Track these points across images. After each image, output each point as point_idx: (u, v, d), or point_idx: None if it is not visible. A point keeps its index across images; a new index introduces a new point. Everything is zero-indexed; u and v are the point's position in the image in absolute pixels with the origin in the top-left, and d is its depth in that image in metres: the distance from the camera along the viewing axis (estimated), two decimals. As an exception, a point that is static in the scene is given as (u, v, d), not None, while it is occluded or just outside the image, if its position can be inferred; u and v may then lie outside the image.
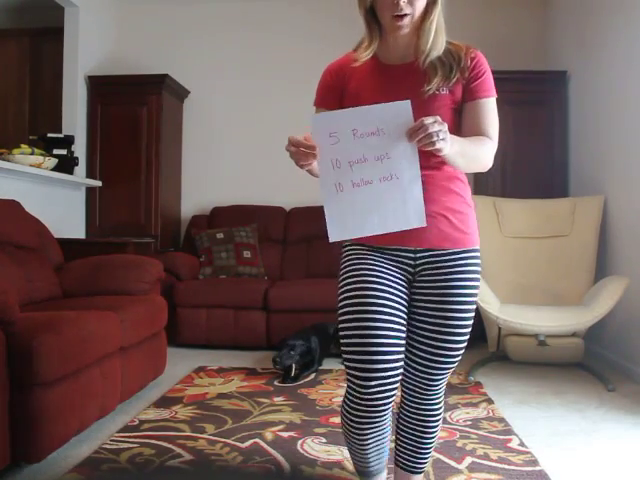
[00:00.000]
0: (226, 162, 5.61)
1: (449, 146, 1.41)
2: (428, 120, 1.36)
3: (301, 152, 1.41)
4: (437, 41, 1.59)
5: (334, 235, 1.47)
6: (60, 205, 4.67)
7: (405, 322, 1.63)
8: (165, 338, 3.49)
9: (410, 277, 1.65)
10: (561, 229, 4.25)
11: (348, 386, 1.63)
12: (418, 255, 1.62)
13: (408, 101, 1.41)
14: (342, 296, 1.64)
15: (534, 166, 4.78)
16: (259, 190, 5.51)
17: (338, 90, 1.68)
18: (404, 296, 1.64)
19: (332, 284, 4.06)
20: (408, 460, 1.81)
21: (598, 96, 4.29)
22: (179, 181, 5.65)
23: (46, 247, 3.48)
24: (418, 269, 1.63)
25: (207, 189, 5.62)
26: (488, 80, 1.63)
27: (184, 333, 4.49)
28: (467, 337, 1.65)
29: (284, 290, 4.51)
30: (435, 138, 1.36)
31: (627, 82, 3.84)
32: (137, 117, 5.15)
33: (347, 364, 1.60)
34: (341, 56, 1.76)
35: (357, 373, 1.57)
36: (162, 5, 5.68)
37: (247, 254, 4.97)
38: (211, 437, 2.58)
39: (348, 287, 1.62)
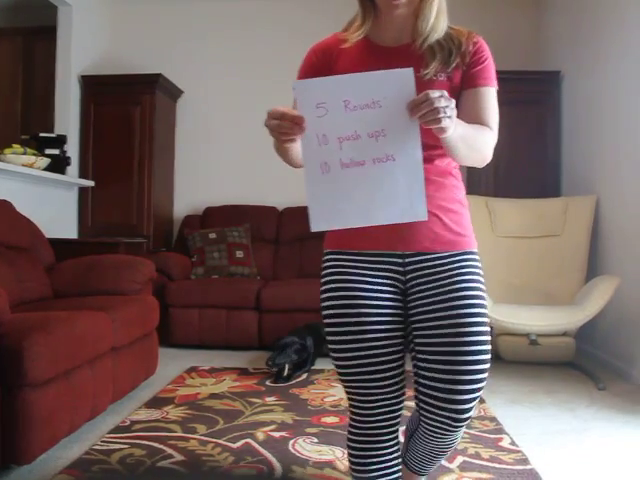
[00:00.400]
0: (219, 162, 5.60)
1: (454, 127, 1.23)
2: (434, 93, 1.17)
3: (285, 124, 1.22)
4: (438, 23, 1.45)
5: (317, 223, 1.28)
6: (52, 205, 4.66)
7: (402, 338, 1.48)
8: (157, 338, 3.49)
9: (402, 286, 1.47)
10: (553, 229, 4.27)
11: (350, 412, 1.55)
12: (407, 260, 1.45)
13: (411, 69, 1.22)
14: (330, 321, 1.49)
15: (527, 166, 4.79)
16: (252, 190, 5.50)
17: (323, 72, 1.46)
18: (398, 311, 1.47)
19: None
20: (417, 464, 1.69)
21: (591, 96, 4.30)
22: (172, 181, 5.64)
23: (37, 247, 3.47)
24: (409, 276, 1.46)
25: (200, 189, 5.62)
26: (490, 68, 1.48)
27: (176, 333, 4.48)
28: (488, 347, 1.41)
29: (276, 290, 4.51)
30: (442, 114, 1.17)
31: (619, 83, 3.85)
32: (130, 117, 5.13)
33: (347, 390, 1.51)
34: (328, 36, 1.60)
35: (358, 404, 1.49)
36: (156, 5, 5.67)
37: (240, 254, 4.96)
38: (202, 437, 2.58)
39: (334, 312, 1.47)
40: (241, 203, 5.41)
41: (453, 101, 1.20)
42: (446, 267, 1.44)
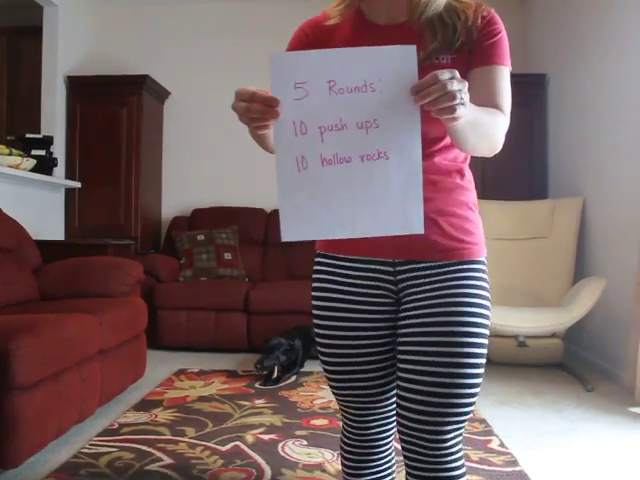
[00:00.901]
0: (207, 163, 5.58)
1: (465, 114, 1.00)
2: (444, 74, 0.95)
3: (256, 107, 1.01)
4: None
5: (288, 232, 1.07)
6: (38, 206, 4.62)
7: (393, 352, 1.32)
8: (145, 341, 3.46)
9: (394, 296, 1.30)
10: (541, 231, 4.29)
11: (342, 421, 1.47)
12: (397, 269, 1.27)
13: (413, 46, 1.00)
14: (319, 332, 1.36)
15: (514, 168, 4.81)
16: (240, 192, 5.49)
17: (315, 48, 1.21)
18: (391, 323, 1.31)
19: (313, 286, 4.08)
20: None
21: (576, 99, 4.33)
22: (159, 182, 5.61)
23: (24, 249, 3.43)
24: (401, 286, 1.27)
25: (188, 190, 5.59)
26: (503, 44, 1.25)
27: (164, 335, 4.46)
28: (481, 371, 1.21)
29: (265, 292, 4.50)
30: (457, 100, 0.95)
31: (604, 86, 3.88)
32: (117, 118, 5.10)
33: (338, 401, 1.42)
34: (318, 14, 1.39)
35: (351, 417, 1.42)
36: (143, 6, 5.64)
37: (228, 256, 4.95)
38: (191, 440, 2.56)
39: (323, 323, 1.34)
40: (229, 205, 5.39)
41: (466, 83, 0.97)
42: (441, 278, 1.23)
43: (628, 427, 2.81)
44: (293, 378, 3.67)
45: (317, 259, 1.39)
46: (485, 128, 1.15)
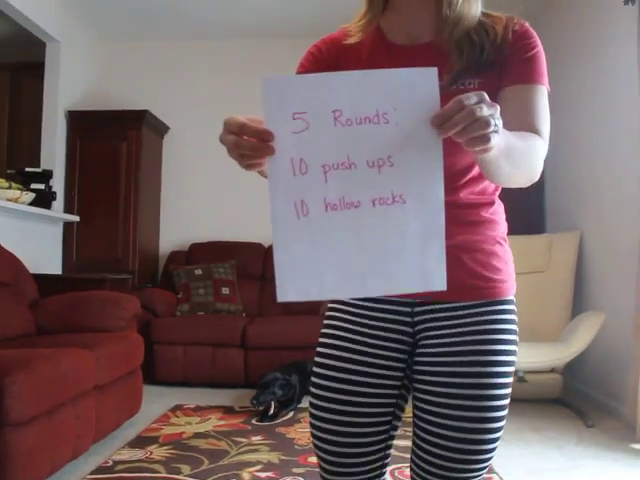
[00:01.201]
0: (205, 198, 5.61)
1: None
2: (470, 99, 0.80)
3: (246, 143, 0.85)
4: (468, 7, 1.09)
5: (285, 291, 0.89)
6: (37, 240, 4.62)
7: (397, 404, 1.16)
8: (141, 376, 3.43)
9: (410, 340, 1.14)
10: (538, 265, 4.30)
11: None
12: (416, 310, 1.12)
13: (434, 69, 0.85)
14: (317, 370, 1.16)
15: (510, 202, 4.77)
16: (237, 226, 5.50)
17: (330, 67, 1.17)
18: (399, 373, 1.14)
19: (311, 321, 4.07)
20: None
21: (571, 133, 4.37)
22: (158, 217, 5.63)
23: (21, 282, 3.43)
24: (418, 328, 1.13)
25: (186, 225, 5.61)
26: (540, 60, 1.11)
27: (161, 371, 4.42)
28: (504, 422, 1.10)
29: (262, 327, 4.48)
30: (491, 128, 0.79)
31: (598, 119, 3.92)
32: (117, 152, 5.14)
33: (316, 454, 1.18)
34: (336, 32, 1.25)
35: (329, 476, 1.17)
36: (143, 42, 5.73)
37: (225, 290, 4.93)
38: (187, 478, 2.53)
39: (323, 372, 1.14)
40: (227, 239, 5.40)
41: (497, 107, 0.82)
42: (465, 322, 1.09)
43: (630, 465, 2.77)
44: (290, 414, 3.63)
45: (330, 304, 1.22)
46: (521, 156, 0.98)
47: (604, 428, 3.34)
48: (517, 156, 0.96)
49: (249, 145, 0.85)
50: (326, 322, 1.20)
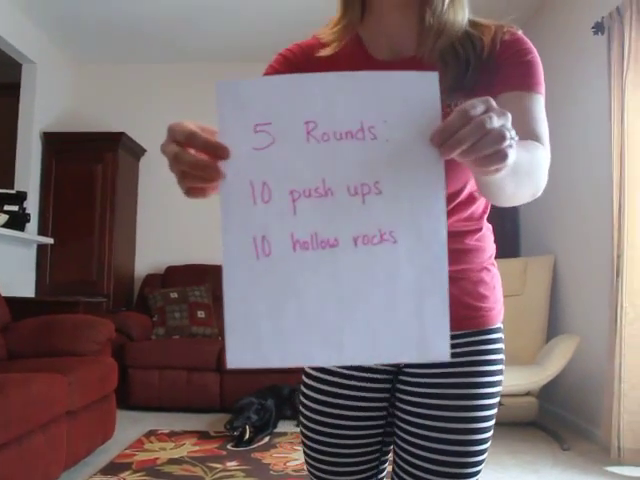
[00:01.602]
0: (181, 221, 5.58)
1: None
2: (476, 108, 0.64)
3: (191, 158, 0.67)
4: (452, 16, 0.97)
5: (238, 355, 0.69)
6: (9, 262, 4.55)
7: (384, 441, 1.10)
8: (115, 401, 3.38)
9: (391, 377, 1.07)
10: (514, 289, 4.33)
11: None
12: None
13: (435, 73, 0.68)
14: (305, 435, 1.11)
15: (486, 226, 4.88)
16: (214, 249, 5.46)
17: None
18: (383, 412, 1.08)
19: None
20: None
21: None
22: (133, 240, 5.58)
23: (-8, 306, 3.37)
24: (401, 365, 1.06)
25: (161, 248, 5.57)
26: (535, 67, 0.97)
27: (135, 395, 4.36)
28: (486, 453, 1.06)
29: (239, 350, 4.44)
30: (507, 142, 0.63)
31: (573, 147, 3.99)
32: (92, 174, 5.10)
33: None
34: (310, 39, 1.10)
35: None
36: (120, 64, 5.73)
37: (201, 314, 4.89)
38: (161, 505, 2.48)
39: (310, 435, 1.09)
40: (203, 262, 5.36)
41: (508, 115, 0.66)
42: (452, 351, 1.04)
43: (605, 487, 2.78)
44: (266, 439, 3.59)
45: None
46: (527, 171, 0.82)
47: (579, 451, 3.36)
48: (523, 172, 0.80)
49: (194, 162, 0.66)
50: (302, 390, 1.12)
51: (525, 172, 0.82)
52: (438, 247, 0.68)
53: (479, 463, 1.03)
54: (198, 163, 0.67)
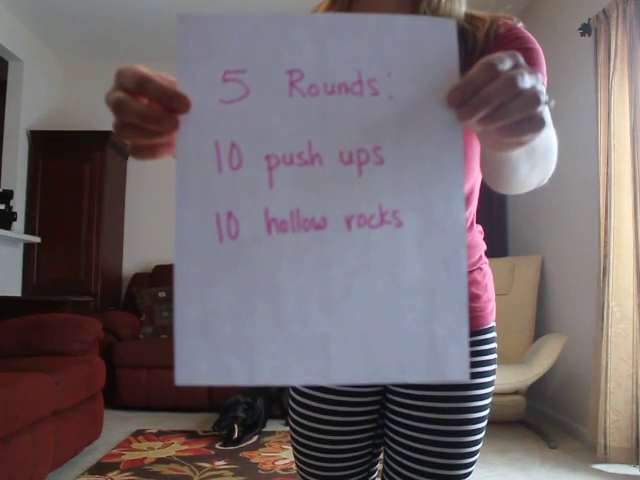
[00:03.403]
0: (169, 220, 5.48)
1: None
2: (504, 62, 0.52)
3: (140, 106, 0.54)
4: (449, 9, 0.90)
5: (191, 369, 0.52)
6: (-5, 262, 4.52)
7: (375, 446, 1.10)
8: (102, 400, 3.36)
9: (381, 388, 1.05)
10: (501, 288, 4.35)
11: None
12: None
13: (452, 20, 0.55)
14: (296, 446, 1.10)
15: (474, 226, 4.90)
16: (203, 247, 5.45)
17: None
18: (374, 424, 1.07)
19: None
20: None
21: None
22: (121, 238, 5.56)
23: (-22, 306, 3.34)
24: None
25: (149, 247, 5.54)
26: (536, 54, 0.88)
27: (123, 395, 4.34)
28: (478, 453, 1.02)
29: (227, 349, 4.43)
30: (541, 105, 0.51)
31: (561, 143, 4.00)
32: (80, 173, 5.07)
33: None
34: None
35: None
36: (108, 62, 5.69)
37: (190, 312, 4.87)
38: (148, 505, 2.47)
39: (301, 445, 1.08)
40: (192, 261, 5.35)
41: (539, 74, 0.53)
42: None
43: (591, 485, 2.80)
44: (255, 438, 3.59)
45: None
46: (543, 149, 0.73)
47: (566, 449, 3.38)
48: (540, 152, 0.71)
49: (144, 111, 0.53)
50: (290, 404, 1.10)
51: (542, 151, 0.73)
52: (455, 232, 0.54)
53: (471, 465, 1.01)
54: (149, 113, 0.52)
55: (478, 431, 0.99)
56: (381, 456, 1.11)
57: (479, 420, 0.99)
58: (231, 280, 0.53)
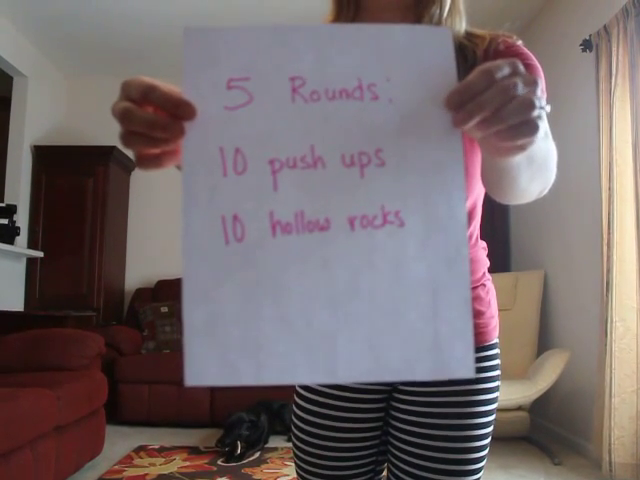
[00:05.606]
0: (171, 235, 5.55)
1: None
2: (502, 69, 0.54)
3: (146, 115, 0.57)
4: (450, 25, 0.92)
5: (200, 371, 0.55)
6: (-2, 276, 4.53)
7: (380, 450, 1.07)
8: (104, 416, 3.35)
9: (386, 396, 1.04)
10: (504, 303, 4.34)
11: None
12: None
13: (448, 30, 0.59)
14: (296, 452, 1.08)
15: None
16: (206, 262, 5.45)
17: None
18: (379, 432, 1.05)
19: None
20: None
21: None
22: (124, 253, 5.57)
23: (-19, 320, 3.34)
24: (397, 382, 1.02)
25: (152, 261, 5.55)
26: (536, 71, 0.88)
27: (125, 410, 4.32)
28: (483, 464, 1.01)
29: (230, 364, 4.42)
30: (535, 111, 0.53)
31: (562, 161, 4.01)
32: (83, 188, 5.09)
33: None
34: None
35: None
36: (111, 78, 5.69)
37: (192, 327, 4.87)
38: (150, 522, 2.46)
39: (301, 453, 1.06)
40: (194, 275, 5.35)
41: (538, 80, 0.55)
42: None
43: (596, 502, 2.78)
44: (257, 454, 3.57)
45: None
46: (542, 158, 0.74)
47: (571, 465, 3.35)
48: (538, 161, 0.71)
49: (150, 120, 0.55)
50: (294, 409, 1.08)
51: (541, 161, 0.74)
52: (456, 231, 0.55)
53: (477, 471, 1.00)
54: (156, 121, 0.54)
55: (481, 449, 0.99)
56: (384, 475, 1.10)
57: (482, 437, 0.98)
58: (238, 282, 0.54)
